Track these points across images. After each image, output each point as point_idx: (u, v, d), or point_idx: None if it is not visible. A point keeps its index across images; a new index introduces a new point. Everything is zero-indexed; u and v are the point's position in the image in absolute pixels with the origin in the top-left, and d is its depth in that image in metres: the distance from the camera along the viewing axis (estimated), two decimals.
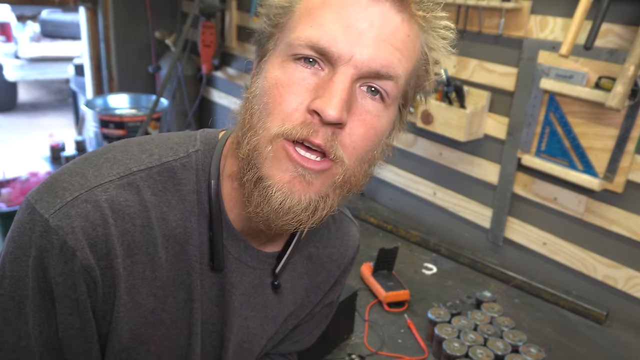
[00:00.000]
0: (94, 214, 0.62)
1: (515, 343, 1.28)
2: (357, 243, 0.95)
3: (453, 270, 1.74)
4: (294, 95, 0.60)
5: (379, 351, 1.31)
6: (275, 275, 0.79)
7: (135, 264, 0.66)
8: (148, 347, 0.70)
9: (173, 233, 0.68)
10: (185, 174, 0.69)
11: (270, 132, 0.60)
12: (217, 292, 0.75)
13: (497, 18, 1.64)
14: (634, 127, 1.39)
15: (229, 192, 0.71)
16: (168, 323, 0.71)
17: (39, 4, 5.25)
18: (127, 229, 0.64)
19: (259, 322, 0.82)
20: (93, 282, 0.63)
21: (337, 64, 0.59)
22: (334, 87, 0.58)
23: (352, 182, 0.64)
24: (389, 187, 2.18)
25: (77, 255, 0.61)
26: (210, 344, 0.78)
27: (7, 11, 6.12)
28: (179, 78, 3.06)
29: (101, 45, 3.18)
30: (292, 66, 0.61)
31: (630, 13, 1.36)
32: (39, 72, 6.27)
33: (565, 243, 1.62)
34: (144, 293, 0.67)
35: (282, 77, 0.61)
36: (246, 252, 0.75)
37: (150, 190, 0.67)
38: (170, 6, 3.22)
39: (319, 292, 0.90)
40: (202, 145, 0.71)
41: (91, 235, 0.61)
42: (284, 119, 0.60)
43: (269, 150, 0.60)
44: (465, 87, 1.73)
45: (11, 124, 5.94)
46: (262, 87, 0.62)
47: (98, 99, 2.97)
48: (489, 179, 1.79)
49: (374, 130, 0.63)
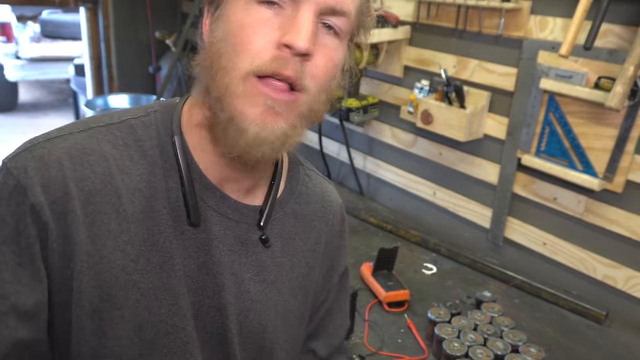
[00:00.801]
0: (49, 157, 0.65)
1: (515, 343, 1.28)
2: (338, 199, 0.95)
3: (453, 270, 1.74)
4: (261, 35, 0.64)
5: (379, 351, 1.32)
6: (261, 228, 0.79)
7: (98, 213, 0.66)
8: (122, 313, 0.67)
9: (138, 187, 0.69)
10: (146, 131, 0.72)
11: (242, 71, 0.64)
12: (204, 255, 0.73)
13: (497, 18, 1.64)
14: (633, 127, 1.39)
15: (197, 143, 0.73)
16: (143, 289, 0.68)
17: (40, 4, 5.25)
18: (87, 175, 0.66)
19: (259, 287, 0.80)
20: (43, 225, 0.63)
21: (300, 1, 0.63)
22: (301, 21, 0.63)
23: (314, 110, 0.69)
24: (389, 187, 2.18)
25: (27, 193, 0.63)
26: (208, 317, 0.75)
27: (8, 11, 6.13)
28: (179, 78, 3.07)
29: (101, 46, 3.18)
30: (256, 8, 0.64)
31: (630, 13, 1.36)
32: (40, 72, 6.27)
33: (565, 243, 1.62)
34: (110, 246, 0.66)
35: (248, 19, 0.64)
36: (224, 203, 0.75)
37: (111, 144, 0.69)
38: (170, 6, 3.22)
39: (315, 255, 0.89)
40: (160, 107, 0.75)
41: (44, 175, 0.64)
42: (254, 57, 0.63)
43: (240, 89, 0.64)
44: (465, 87, 1.73)
45: (12, 124, 5.94)
46: (228, 30, 0.65)
47: (98, 99, 2.98)
48: (489, 179, 1.79)
49: (332, 62, 0.68)
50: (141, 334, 0.68)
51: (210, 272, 0.74)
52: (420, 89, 1.89)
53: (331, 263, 0.92)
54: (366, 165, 2.26)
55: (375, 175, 2.22)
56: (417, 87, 1.90)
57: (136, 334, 0.68)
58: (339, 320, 0.99)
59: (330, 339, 0.97)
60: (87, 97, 3.37)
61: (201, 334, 0.75)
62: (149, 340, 0.69)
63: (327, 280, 0.93)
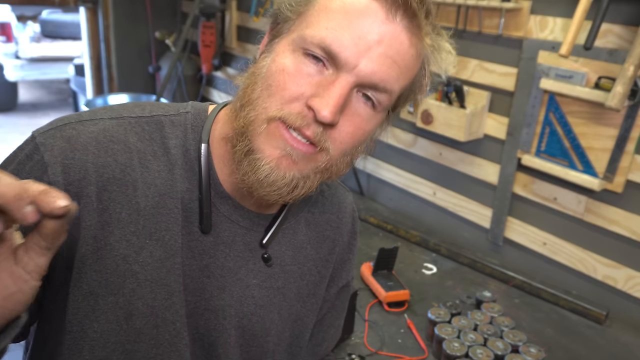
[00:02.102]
0: (77, 139, 0.67)
1: (515, 343, 1.28)
2: (353, 210, 0.95)
3: (453, 270, 1.74)
4: (297, 86, 0.64)
5: (379, 351, 1.32)
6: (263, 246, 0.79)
7: (112, 201, 0.67)
8: (117, 300, 0.68)
9: (154, 182, 0.70)
10: (173, 130, 0.73)
11: (268, 113, 0.65)
12: (208, 258, 0.74)
13: (497, 18, 1.64)
14: (633, 127, 1.39)
15: (221, 154, 0.74)
16: (141, 279, 0.69)
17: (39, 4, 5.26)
18: (108, 162, 0.67)
19: (264, 292, 0.80)
20: None
21: (342, 69, 0.64)
22: (334, 90, 0.63)
23: (334, 170, 0.70)
24: (389, 187, 2.18)
25: (48, 171, 0.64)
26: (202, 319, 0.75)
27: (8, 11, 6.13)
28: (179, 78, 3.06)
29: (101, 45, 3.18)
30: (301, 59, 0.65)
31: (630, 13, 1.36)
32: (40, 72, 6.28)
33: (565, 243, 1.62)
34: (117, 235, 0.67)
35: (290, 66, 0.65)
36: (236, 211, 0.75)
37: (137, 136, 0.71)
38: (170, 6, 3.22)
39: (327, 265, 0.89)
40: (192, 109, 0.76)
41: (68, 157, 0.65)
42: (283, 105, 0.64)
43: (263, 128, 0.65)
44: (465, 87, 1.73)
45: (11, 124, 5.94)
46: (269, 69, 0.66)
47: (98, 99, 2.98)
48: (489, 179, 1.79)
49: (361, 131, 0.68)
50: (130, 321, 0.69)
51: (211, 275, 0.75)
52: None
53: (334, 274, 0.92)
54: (366, 165, 2.26)
55: (375, 175, 2.22)
56: None
57: (126, 320, 0.69)
58: (330, 332, 0.98)
59: (317, 349, 0.96)
60: (87, 97, 3.37)
61: (192, 332, 0.75)
62: (137, 330, 0.70)
63: (326, 290, 0.92)
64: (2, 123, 5.95)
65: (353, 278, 0.99)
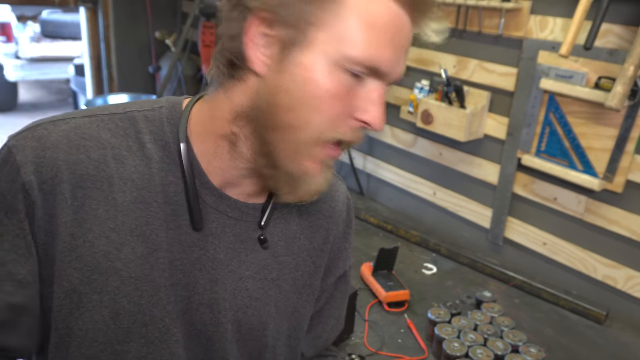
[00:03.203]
0: (48, 138, 0.67)
1: (515, 343, 1.28)
2: (347, 199, 0.95)
3: (453, 270, 1.74)
4: (344, 104, 0.66)
5: (379, 351, 1.32)
6: (261, 227, 0.78)
7: (87, 197, 0.67)
8: (101, 298, 0.68)
9: (131, 177, 0.70)
10: (147, 124, 0.73)
11: (324, 136, 0.67)
12: (198, 251, 0.74)
13: (497, 18, 1.64)
14: (633, 127, 1.39)
15: (209, 150, 0.72)
16: (124, 277, 0.69)
17: (39, 4, 5.26)
18: (81, 159, 0.67)
19: (259, 284, 0.79)
20: (31, 203, 0.65)
21: (380, 79, 0.67)
22: (378, 100, 0.67)
23: None
24: (389, 187, 2.18)
25: (20, 172, 0.65)
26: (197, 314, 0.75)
27: (8, 11, 6.13)
28: (179, 78, 3.06)
29: (101, 45, 3.18)
30: (341, 75, 0.65)
31: (630, 13, 1.36)
32: (40, 72, 6.27)
33: (565, 243, 1.62)
34: (96, 231, 0.67)
35: (333, 85, 0.64)
36: (223, 202, 0.75)
37: (111, 133, 0.70)
38: (170, 6, 3.22)
39: (322, 254, 0.88)
40: (167, 103, 0.76)
41: (39, 155, 0.66)
42: (337, 127, 0.67)
43: (314, 151, 0.67)
44: (465, 87, 1.73)
45: (11, 124, 5.94)
46: (307, 90, 0.64)
47: (98, 99, 2.97)
48: (489, 179, 1.79)
49: None
50: (117, 320, 0.69)
51: (203, 268, 0.74)
52: (420, 88, 1.89)
53: (330, 263, 0.92)
54: (366, 165, 2.26)
55: (375, 175, 2.22)
56: (417, 87, 1.90)
57: (112, 320, 0.69)
58: (330, 323, 0.97)
59: (316, 341, 0.96)
60: (87, 97, 3.37)
61: (188, 329, 0.75)
62: (126, 329, 0.70)
63: (323, 280, 0.91)
64: (2, 123, 5.95)
65: (351, 267, 0.98)
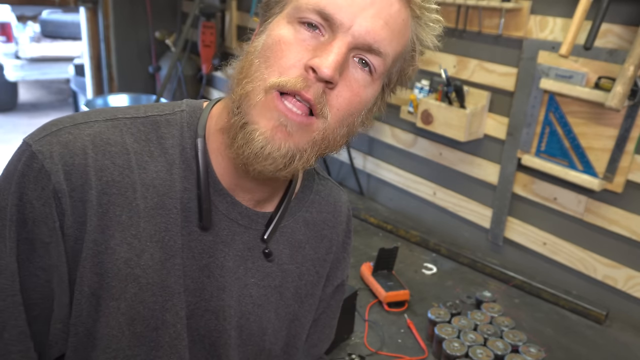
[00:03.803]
0: (75, 144, 0.66)
1: (515, 343, 1.28)
2: (348, 209, 0.95)
3: (453, 270, 1.74)
4: (294, 53, 0.65)
5: (379, 351, 1.32)
6: (264, 241, 0.79)
7: (112, 204, 0.67)
8: (118, 305, 0.68)
9: (153, 183, 0.70)
10: (169, 129, 0.73)
11: (266, 83, 0.65)
12: (208, 258, 0.74)
13: (497, 18, 1.64)
14: (633, 127, 1.39)
15: (217, 147, 0.73)
16: (142, 283, 0.69)
17: (39, 4, 5.26)
18: (107, 165, 0.67)
19: (262, 291, 0.80)
20: (62, 210, 0.65)
21: (337, 31, 0.65)
22: (331, 49, 0.64)
23: (330, 141, 0.69)
24: (389, 187, 2.18)
25: (51, 178, 0.64)
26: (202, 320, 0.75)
27: (8, 11, 6.13)
28: (179, 78, 3.06)
29: (101, 45, 3.18)
30: (296, 27, 0.66)
31: (630, 13, 1.36)
32: (40, 72, 6.27)
33: (565, 243, 1.62)
34: (118, 238, 0.67)
35: (286, 35, 0.66)
36: (234, 209, 0.75)
37: (133, 138, 0.70)
38: (170, 6, 3.22)
39: (325, 264, 0.89)
40: (187, 107, 0.76)
41: (68, 162, 0.65)
42: (282, 72, 0.65)
43: (259, 99, 0.65)
44: (465, 87, 1.73)
45: (11, 124, 5.94)
46: (265, 43, 0.67)
47: (98, 99, 2.97)
48: (489, 179, 1.79)
49: (358, 98, 0.68)
50: (132, 327, 0.69)
51: (211, 275, 0.75)
52: (421, 88, 1.89)
53: (330, 273, 0.92)
54: (366, 165, 2.26)
55: (375, 175, 2.22)
56: (417, 87, 1.90)
57: (128, 326, 0.69)
58: (326, 332, 0.98)
59: (312, 350, 0.96)
60: (87, 97, 3.36)
61: (193, 334, 0.75)
62: (138, 334, 0.70)
63: (322, 289, 0.92)
64: (2, 123, 5.95)
65: (348, 277, 0.99)
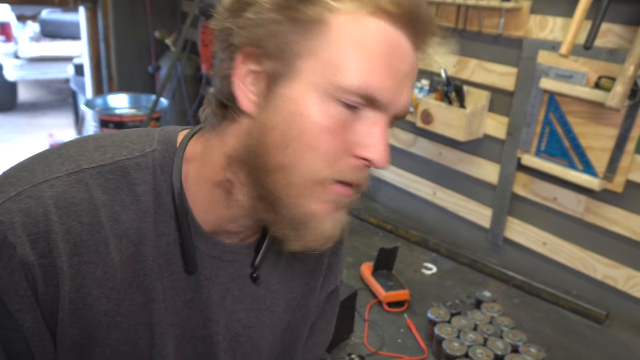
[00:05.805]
0: (37, 210, 0.61)
1: (515, 343, 1.28)
2: None
3: (453, 270, 1.74)
4: (341, 140, 0.61)
5: (379, 351, 1.31)
6: (255, 268, 0.77)
7: (84, 263, 0.64)
8: (103, 351, 0.67)
9: (126, 234, 0.66)
10: (140, 174, 0.67)
11: (320, 176, 0.61)
12: (193, 293, 0.72)
13: (497, 18, 1.64)
14: (634, 127, 1.39)
15: (198, 196, 0.69)
16: (125, 327, 0.68)
17: (39, 4, 5.26)
18: (74, 227, 0.63)
19: (252, 314, 0.79)
20: (33, 279, 0.62)
21: (380, 110, 0.61)
22: (381, 136, 0.61)
23: None
24: (389, 187, 2.18)
25: (17, 251, 0.60)
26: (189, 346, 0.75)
27: (7, 11, 6.13)
28: (179, 78, 3.06)
29: (101, 45, 3.18)
30: (334, 107, 0.60)
31: (630, 13, 1.36)
32: (39, 72, 6.27)
33: (565, 243, 1.62)
34: (95, 295, 0.65)
35: (325, 119, 0.59)
36: (217, 248, 0.73)
37: (102, 189, 0.65)
38: (170, 6, 3.22)
39: (317, 275, 0.87)
40: (159, 145, 0.70)
41: (32, 232, 0.61)
42: (333, 164, 0.61)
43: (316, 192, 0.62)
44: (465, 87, 1.73)
45: (11, 124, 5.94)
46: (298, 125, 0.60)
47: (98, 99, 2.97)
48: (489, 179, 1.79)
49: None
50: None
51: (196, 308, 0.73)
52: (421, 88, 1.89)
53: (323, 281, 0.91)
54: None
55: (376, 175, 2.22)
56: (417, 87, 1.90)
57: None
58: (322, 337, 0.97)
59: (308, 356, 0.96)
60: (86, 97, 3.36)
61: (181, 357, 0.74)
62: None
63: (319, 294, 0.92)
64: (2, 123, 5.95)
65: (342, 282, 0.98)
